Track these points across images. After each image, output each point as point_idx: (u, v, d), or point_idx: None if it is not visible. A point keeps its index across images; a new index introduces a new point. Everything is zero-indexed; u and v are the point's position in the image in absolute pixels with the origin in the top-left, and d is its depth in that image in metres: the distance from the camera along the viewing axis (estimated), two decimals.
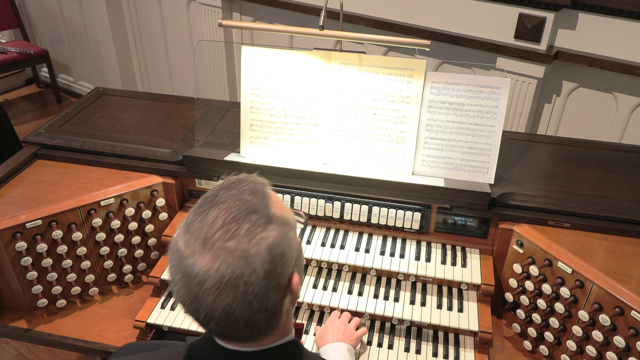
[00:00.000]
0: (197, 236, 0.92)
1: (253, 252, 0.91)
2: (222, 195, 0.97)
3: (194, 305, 0.93)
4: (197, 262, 0.90)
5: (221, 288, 0.89)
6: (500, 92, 1.86)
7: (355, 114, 1.96)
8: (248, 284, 0.90)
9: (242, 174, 1.04)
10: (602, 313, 1.60)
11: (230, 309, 0.91)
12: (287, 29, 1.93)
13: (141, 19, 4.58)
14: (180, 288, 0.93)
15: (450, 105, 1.90)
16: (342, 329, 1.74)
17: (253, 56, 1.97)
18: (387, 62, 1.91)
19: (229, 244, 0.90)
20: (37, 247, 1.85)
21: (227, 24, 1.96)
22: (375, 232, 2.03)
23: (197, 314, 0.94)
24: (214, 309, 0.91)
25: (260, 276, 0.91)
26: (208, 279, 0.89)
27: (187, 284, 0.92)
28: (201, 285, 0.90)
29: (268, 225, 0.94)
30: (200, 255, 0.90)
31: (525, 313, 1.84)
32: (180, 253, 0.93)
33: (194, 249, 0.91)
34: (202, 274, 0.90)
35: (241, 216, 0.93)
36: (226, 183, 1.01)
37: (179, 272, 0.93)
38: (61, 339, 1.88)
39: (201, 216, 0.94)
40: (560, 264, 1.69)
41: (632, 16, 2.58)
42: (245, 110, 2.02)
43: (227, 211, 0.93)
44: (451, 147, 1.93)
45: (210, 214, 0.93)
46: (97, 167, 2.12)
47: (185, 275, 0.92)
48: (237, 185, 0.99)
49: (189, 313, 0.96)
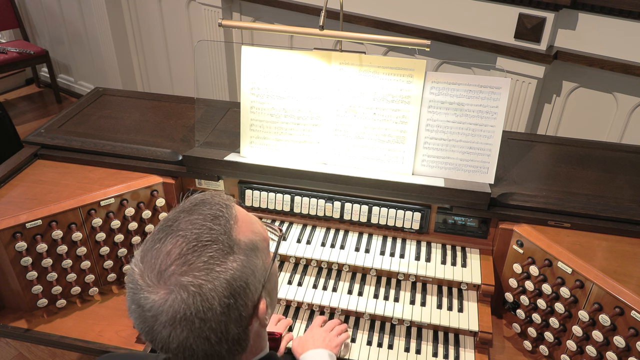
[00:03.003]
0: (152, 267, 0.88)
1: (210, 287, 0.86)
2: (181, 220, 0.91)
3: (149, 336, 0.90)
4: (151, 296, 0.86)
5: (175, 323, 0.86)
6: (500, 92, 1.86)
7: (355, 114, 1.96)
8: (204, 320, 0.86)
9: (208, 192, 0.98)
10: (602, 313, 1.60)
11: (186, 343, 0.88)
12: (287, 29, 1.93)
13: (141, 19, 4.58)
14: (135, 318, 0.90)
15: (450, 105, 1.90)
16: (322, 335, 1.73)
17: (253, 56, 1.97)
18: (387, 62, 1.91)
19: (183, 278, 0.86)
20: (37, 247, 1.85)
21: (227, 24, 1.96)
22: (375, 232, 2.03)
23: (154, 344, 0.91)
24: (169, 342, 0.88)
25: (218, 312, 0.87)
26: (161, 313, 0.86)
27: (142, 316, 0.88)
28: (155, 319, 0.87)
29: (229, 255, 0.89)
30: (154, 288, 0.87)
31: (525, 313, 1.84)
32: (135, 283, 0.89)
33: (149, 280, 0.87)
34: (156, 308, 0.86)
35: (199, 247, 0.88)
36: (188, 204, 0.95)
37: (134, 303, 0.89)
38: (61, 339, 1.88)
39: (158, 244, 0.89)
40: (560, 264, 1.69)
41: (632, 16, 2.58)
42: (245, 110, 2.02)
43: (185, 240, 0.88)
44: (451, 147, 1.93)
45: (167, 243, 0.89)
46: (97, 167, 2.12)
47: (139, 307, 0.88)
48: (199, 209, 0.93)
49: (148, 342, 0.92)
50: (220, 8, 3.80)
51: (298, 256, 1.96)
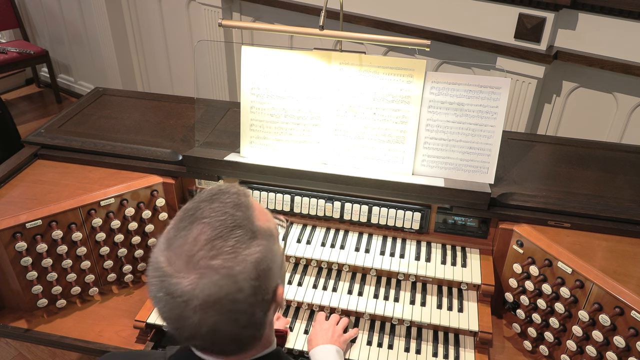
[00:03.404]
0: (180, 253, 0.89)
1: (239, 270, 0.88)
2: (204, 208, 0.93)
3: (178, 323, 0.90)
4: (181, 281, 0.87)
5: (207, 307, 0.87)
6: (500, 92, 1.86)
7: (355, 114, 1.96)
8: (235, 301, 0.88)
9: (223, 183, 1.01)
10: (602, 313, 1.60)
11: (216, 327, 0.89)
12: (287, 29, 1.93)
13: (141, 19, 4.58)
14: (163, 306, 0.90)
15: (450, 105, 1.90)
16: (330, 331, 1.75)
17: (253, 56, 1.97)
18: (387, 62, 1.91)
19: (213, 261, 0.87)
20: (37, 247, 1.85)
21: (227, 24, 1.96)
22: (375, 232, 2.03)
23: (181, 331, 0.91)
24: (199, 327, 0.89)
25: (247, 293, 0.89)
26: (193, 298, 0.87)
27: (171, 303, 0.89)
28: (186, 304, 0.87)
29: (253, 240, 0.92)
30: (184, 274, 0.88)
31: (525, 313, 1.84)
32: (162, 271, 0.90)
33: (177, 267, 0.88)
34: (187, 293, 0.87)
35: (225, 232, 0.90)
36: (207, 195, 0.97)
37: (161, 291, 0.90)
38: (61, 339, 1.88)
39: (183, 232, 0.91)
40: (560, 264, 1.69)
41: (632, 16, 2.58)
42: (245, 110, 2.02)
43: (210, 227, 0.90)
44: (451, 147, 1.93)
45: (193, 229, 0.90)
46: (97, 167, 2.12)
47: (168, 294, 0.89)
48: (219, 198, 0.96)
49: (172, 331, 0.93)
50: (220, 8, 3.80)
51: (298, 256, 1.96)
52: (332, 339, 1.72)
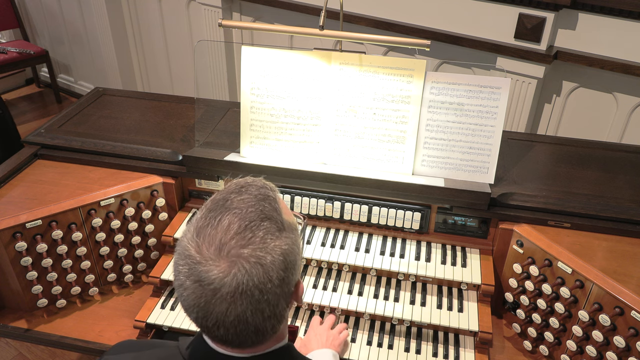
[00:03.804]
0: (211, 242, 0.90)
1: (270, 260, 0.90)
2: (233, 199, 0.95)
3: (204, 311, 0.91)
4: (212, 269, 0.88)
5: (236, 295, 0.88)
6: (500, 92, 1.86)
7: (355, 114, 1.96)
8: (263, 291, 0.90)
9: (249, 177, 1.03)
10: (602, 313, 1.60)
11: (243, 316, 0.90)
12: (287, 29, 1.93)
13: (141, 19, 4.58)
14: (190, 294, 0.91)
15: (450, 105, 1.90)
16: (325, 335, 1.74)
17: (253, 56, 1.97)
18: (387, 62, 1.91)
19: (244, 250, 0.89)
20: (37, 247, 1.85)
21: (227, 24, 1.96)
22: (375, 232, 2.03)
23: (206, 320, 0.92)
24: (226, 316, 0.90)
25: (275, 284, 0.91)
26: (223, 286, 0.88)
27: (199, 291, 0.90)
28: (215, 292, 0.88)
29: (282, 232, 0.94)
30: (215, 262, 0.89)
31: (525, 313, 1.84)
32: (192, 258, 0.91)
33: (207, 255, 0.89)
34: (218, 281, 0.88)
35: (255, 223, 0.92)
36: (235, 187, 0.99)
37: (190, 278, 0.90)
38: (61, 339, 1.88)
39: (213, 221, 0.92)
40: (560, 264, 1.69)
41: (632, 16, 2.58)
42: (245, 110, 2.02)
43: (241, 217, 0.92)
44: (451, 147, 1.93)
45: (224, 219, 0.92)
46: (97, 167, 2.12)
47: (197, 282, 0.89)
48: (247, 190, 0.98)
49: (197, 319, 0.93)
50: (220, 8, 3.80)
51: None
52: (327, 343, 1.71)
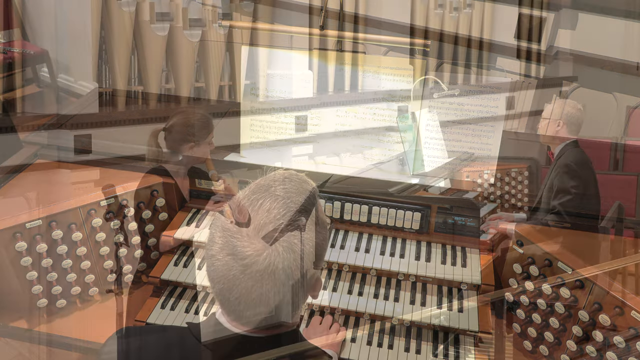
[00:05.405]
0: (251, 221, 0.94)
1: (302, 249, 0.94)
2: (277, 187, 0.99)
3: (230, 283, 0.93)
4: (247, 245, 0.92)
5: (265, 275, 0.91)
6: (500, 92, 1.86)
7: (355, 114, 1.96)
8: (290, 276, 0.93)
9: (291, 170, 1.06)
10: (602, 313, 1.59)
11: (265, 296, 0.93)
12: (287, 29, 1.94)
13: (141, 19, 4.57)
14: (222, 265, 0.94)
15: (450, 105, 1.90)
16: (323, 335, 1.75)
17: (253, 56, 1.97)
18: (387, 62, 1.91)
19: (282, 235, 0.92)
20: (37, 247, 1.84)
21: (227, 24, 1.96)
22: (375, 232, 2.03)
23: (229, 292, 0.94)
24: (250, 292, 0.92)
25: (302, 272, 0.94)
26: (255, 263, 0.91)
27: (230, 263, 0.93)
28: (246, 267, 0.91)
29: (317, 226, 0.98)
30: (252, 240, 0.92)
31: (525, 313, 1.84)
32: (231, 232, 0.94)
33: (246, 232, 0.93)
34: (251, 257, 0.91)
35: (294, 212, 0.95)
36: (279, 176, 1.02)
37: (224, 250, 0.94)
38: (61, 339, 1.88)
39: (256, 203, 0.96)
40: (560, 264, 1.69)
41: (632, 16, 2.58)
42: (245, 110, 2.02)
43: (282, 205, 0.95)
44: (451, 147, 1.93)
45: (266, 203, 0.95)
46: (97, 167, 2.11)
47: (231, 254, 0.93)
48: (291, 180, 1.01)
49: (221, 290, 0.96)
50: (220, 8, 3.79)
51: None
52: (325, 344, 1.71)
